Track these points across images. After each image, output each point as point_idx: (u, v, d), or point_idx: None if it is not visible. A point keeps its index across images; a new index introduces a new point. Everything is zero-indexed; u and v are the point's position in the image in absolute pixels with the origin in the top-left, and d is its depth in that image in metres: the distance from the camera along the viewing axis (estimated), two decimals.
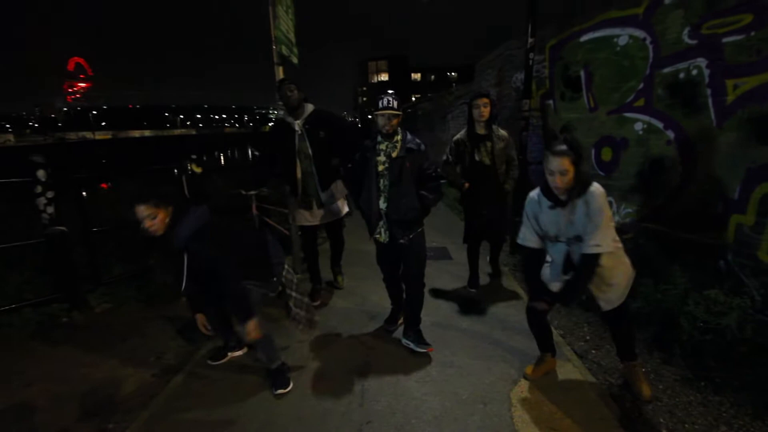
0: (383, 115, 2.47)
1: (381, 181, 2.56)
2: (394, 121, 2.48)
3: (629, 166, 3.52)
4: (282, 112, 3.29)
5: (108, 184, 9.23)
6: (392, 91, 2.55)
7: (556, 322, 3.08)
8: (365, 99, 57.75)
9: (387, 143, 2.54)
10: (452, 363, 2.63)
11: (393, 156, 2.52)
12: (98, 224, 3.82)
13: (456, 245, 4.82)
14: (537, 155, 4.76)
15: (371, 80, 59.58)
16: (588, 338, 2.90)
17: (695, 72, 2.88)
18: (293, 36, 4.16)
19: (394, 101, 2.45)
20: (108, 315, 3.41)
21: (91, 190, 7.37)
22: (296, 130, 3.12)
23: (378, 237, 2.68)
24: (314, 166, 3.18)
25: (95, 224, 3.73)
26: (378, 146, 2.56)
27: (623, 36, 3.49)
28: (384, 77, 58.57)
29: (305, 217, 3.39)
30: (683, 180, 3.03)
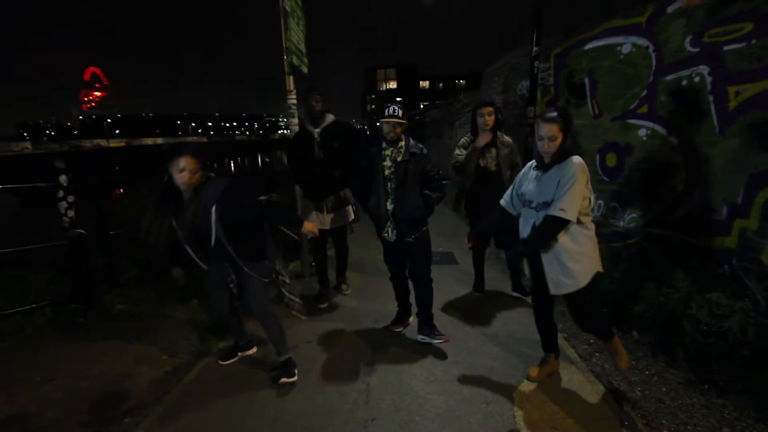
0: (388, 123, 2.63)
1: (388, 184, 2.70)
2: (398, 129, 2.65)
3: (633, 172, 3.56)
4: (292, 119, 3.41)
5: (121, 190, 9.46)
6: (399, 100, 2.66)
7: (561, 326, 3.10)
8: (374, 107, 58.14)
9: (392, 149, 2.69)
10: (456, 363, 2.68)
11: (398, 160, 2.67)
12: (114, 228, 3.95)
13: (462, 250, 4.88)
14: None
15: (380, 88, 60.07)
16: (591, 341, 2.92)
17: (698, 79, 2.92)
18: (304, 46, 4.30)
19: (399, 110, 2.63)
20: (123, 315, 3.52)
21: (105, 195, 7.56)
22: (315, 138, 3.31)
23: (386, 236, 2.79)
24: (325, 173, 3.33)
25: (111, 228, 3.86)
26: (384, 152, 2.70)
27: (627, 44, 3.54)
28: (393, 85, 59.01)
29: (316, 222, 3.49)
30: (687, 185, 3.06)
